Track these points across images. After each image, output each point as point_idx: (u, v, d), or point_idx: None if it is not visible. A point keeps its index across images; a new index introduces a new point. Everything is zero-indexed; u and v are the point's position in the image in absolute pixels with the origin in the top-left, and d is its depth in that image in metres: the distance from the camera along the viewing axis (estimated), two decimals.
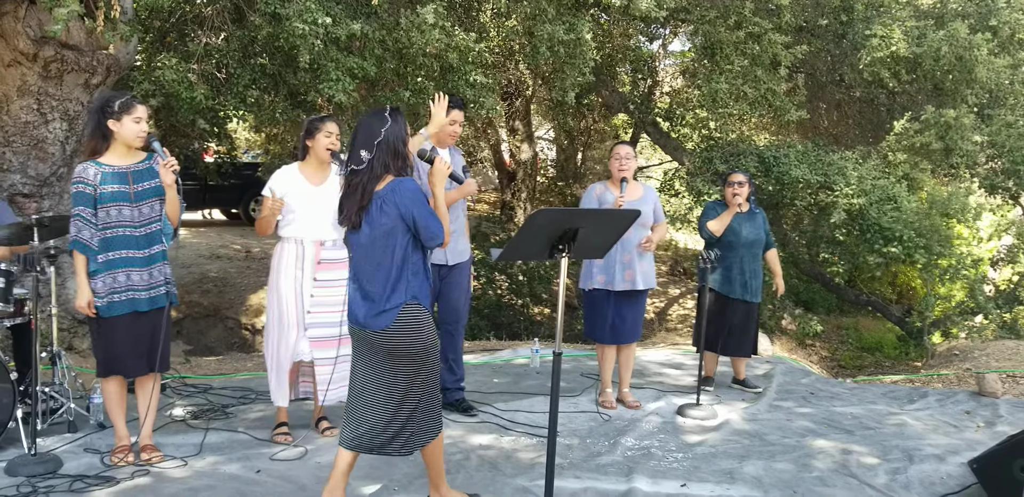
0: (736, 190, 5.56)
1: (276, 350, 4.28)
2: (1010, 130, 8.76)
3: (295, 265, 4.24)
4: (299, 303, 4.24)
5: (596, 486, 3.86)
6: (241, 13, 6.73)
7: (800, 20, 9.17)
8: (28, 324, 4.48)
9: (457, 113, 4.71)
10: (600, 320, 5.15)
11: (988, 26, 8.63)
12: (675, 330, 12.81)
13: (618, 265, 5.04)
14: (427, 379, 3.33)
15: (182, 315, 9.38)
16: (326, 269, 4.29)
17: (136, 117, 3.78)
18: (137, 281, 3.85)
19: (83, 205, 3.79)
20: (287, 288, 4.24)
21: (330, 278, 4.29)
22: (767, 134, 12.13)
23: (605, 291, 5.10)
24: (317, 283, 4.26)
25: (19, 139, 6.09)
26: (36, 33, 5.81)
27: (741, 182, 5.59)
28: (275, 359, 4.29)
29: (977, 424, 5.20)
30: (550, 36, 7.09)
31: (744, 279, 5.64)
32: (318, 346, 4.27)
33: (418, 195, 3.18)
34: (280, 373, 4.29)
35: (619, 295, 5.09)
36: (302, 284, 4.24)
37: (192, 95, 6.18)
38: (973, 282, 9.41)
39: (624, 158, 5.05)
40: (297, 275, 4.24)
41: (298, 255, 4.24)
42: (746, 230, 5.63)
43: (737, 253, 5.61)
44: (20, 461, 3.77)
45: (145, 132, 3.79)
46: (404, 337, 3.21)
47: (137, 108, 3.79)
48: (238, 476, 3.84)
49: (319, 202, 4.24)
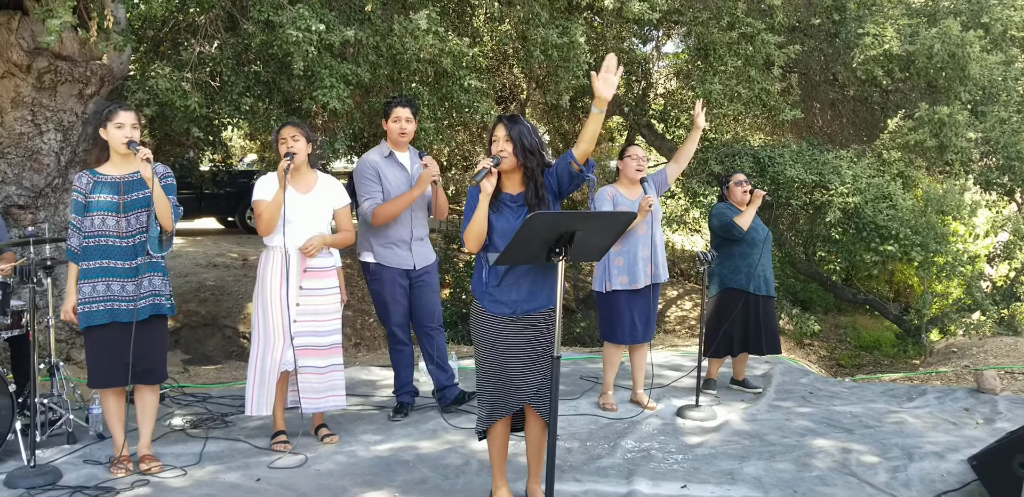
0: (745, 187, 5.66)
1: (261, 360, 4.27)
2: (1004, 126, 8.77)
3: (281, 274, 4.24)
4: (285, 312, 4.23)
5: (597, 489, 3.86)
6: (234, 21, 6.73)
7: (793, 20, 9.18)
8: (26, 336, 4.48)
9: (401, 110, 4.73)
10: (620, 321, 5.17)
11: (980, 23, 8.65)
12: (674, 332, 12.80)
13: (641, 262, 5.07)
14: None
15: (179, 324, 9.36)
16: (312, 278, 4.28)
17: (117, 123, 3.79)
18: (118, 292, 3.84)
19: (74, 213, 3.88)
20: (273, 297, 4.23)
21: (316, 286, 4.29)
22: (762, 134, 12.13)
23: (628, 291, 5.11)
24: (303, 292, 4.25)
25: (13, 150, 6.09)
26: (29, 44, 5.81)
27: (747, 180, 5.74)
28: (259, 368, 4.28)
29: (976, 421, 5.20)
30: (544, 40, 7.09)
31: (766, 275, 5.67)
32: (303, 355, 4.27)
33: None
34: (264, 383, 4.27)
35: (640, 293, 5.12)
36: (288, 293, 4.23)
37: (186, 103, 6.17)
38: (970, 279, 9.41)
39: (640, 158, 5.15)
40: (283, 284, 4.23)
41: (284, 264, 4.24)
42: (760, 226, 5.69)
43: (758, 250, 5.63)
44: (19, 473, 3.77)
45: (128, 138, 3.79)
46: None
47: (119, 114, 3.80)
48: (238, 485, 3.84)
49: (306, 210, 4.24)
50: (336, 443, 4.46)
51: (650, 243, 5.11)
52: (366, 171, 4.74)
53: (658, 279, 5.17)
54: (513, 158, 3.33)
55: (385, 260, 4.83)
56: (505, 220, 3.38)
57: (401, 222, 4.78)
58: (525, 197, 3.39)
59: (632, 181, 5.14)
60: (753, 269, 5.63)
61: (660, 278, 5.18)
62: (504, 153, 3.32)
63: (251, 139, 14.94)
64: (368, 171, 4.74)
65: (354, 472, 4.03)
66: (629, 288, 5.10)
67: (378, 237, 4.82)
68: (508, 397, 3.43)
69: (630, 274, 5.09)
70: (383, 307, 4.93)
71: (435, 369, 5.05)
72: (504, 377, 3.41)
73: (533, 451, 3.56)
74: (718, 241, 5.75)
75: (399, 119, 4.74)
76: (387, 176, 4.72)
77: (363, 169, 4.77)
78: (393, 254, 4.81)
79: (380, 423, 4.89)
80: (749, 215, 5.58)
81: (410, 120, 4.78)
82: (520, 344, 3.40)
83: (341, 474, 4.00)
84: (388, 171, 4.74)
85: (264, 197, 4.23)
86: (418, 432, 4.71)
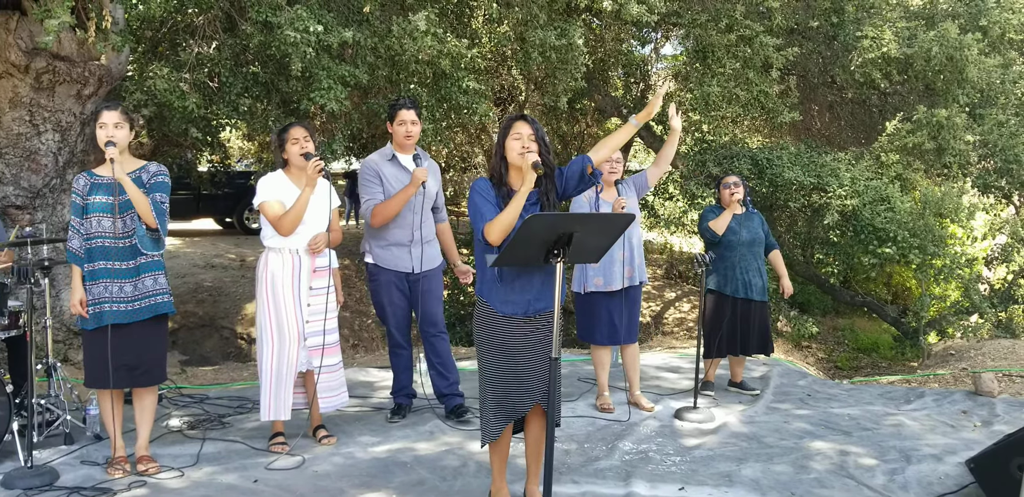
0: (732, 190, 5.65)
1: (276, 364, 4.24)
2: (1002, 129, 8.78)
3: (292, 275, 4.22)
4: (299, 314, 4.23)
5: (594, 490, 3.86)
6: (232, 22, 6.74)
7: (791, 22, 9.19)
8: (23, 336, 4.48)
9: (407, 113, 4.71)
10: (597, 322, 5.17)
11: (978, 26, 8.67)
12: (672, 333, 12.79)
13: (618, 264, 5.07)
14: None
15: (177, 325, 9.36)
16: (318, 277, 4.29)
17: (100, 123, 3.80)
18: (117, 292, 3.83)
19: (74, 214, 3.89)
20: (286, 299, 4.22)
21: (322, 285, 4.30)
22: (760, 136, 12.15)
23: (604, 292, 5.11)
24: (312, 292, 4.26)
25: (11, 151, 6.08)
26: (27, 44, 5.81)
27: (736, 183, 5.70)
28: (274, 373, 4.24)
29: (974, 424, 5.20)
30: (542, 42, 7.11)
31: (746, 278, 5.66)
32: (316, 354, 4.27)
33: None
34: (281, 386, 4.24)
35: (618, 294, 5.11)
36: (300, 294, 4.23)
37: (184, 104, 6.17)
38: (968, 282, 9.42)
39: (614, 161, 5.12)
40: (295, 285, 4.22)
41: (294, 265, 4.23)
42: (744, 230, 5.69)
43: (736, 252, 5.64)
44: (16, 473, 3.76)
45: (108, 138, 3.78)
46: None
47: (102, 114, 3.81)
48: (235, 486, 3.83)
49: (313, 210, 4.23)
50: (334, 444, 4.46)
51: (627, 244, 5.11)
52: (367, 172, 4.76)
53: (635, 281, 5.15)
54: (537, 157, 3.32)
55: (383, 261, 4.82)
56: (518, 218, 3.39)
57: (401, 224, 4.76)
58: (539, 195, 3.40)
59: (608, 183, 5.16)
60: (730, 272, 5.65)
61: (637, 279, 5.16)
62: (533, 154, 3.28)
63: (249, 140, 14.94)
64: (369, 172, 4.75)
65: (352, 473, 4.03)
66: (604, 290, 5.11)
67: (377, 239, 4.82)
68: (518, 402, 3.36)
69: (605, 275, 5.09)
70: (380, 309, 4.92)
71: (436, 375, 5.01)
72: (516, 382, 3.34)
73: (532, 452, 3.56)
74: (705, 243, 5.84)
75: (404, 122, 4.70)
76: (387, 177, 4.72)
77: (364, 170, 4.78)
78: (391, 255, 4.80)
79: (378, 425, 4.88)
80: (724, 219, 5.61)
81: (416, 122, 4.73)
82: (531, 345, 3.36)
83: (339, 475, 4.00)
84: (389, 172, 4.73)
85: (270, 198, 4.21)
86: (416, 434, 4.70)
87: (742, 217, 5.71)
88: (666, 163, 5.27)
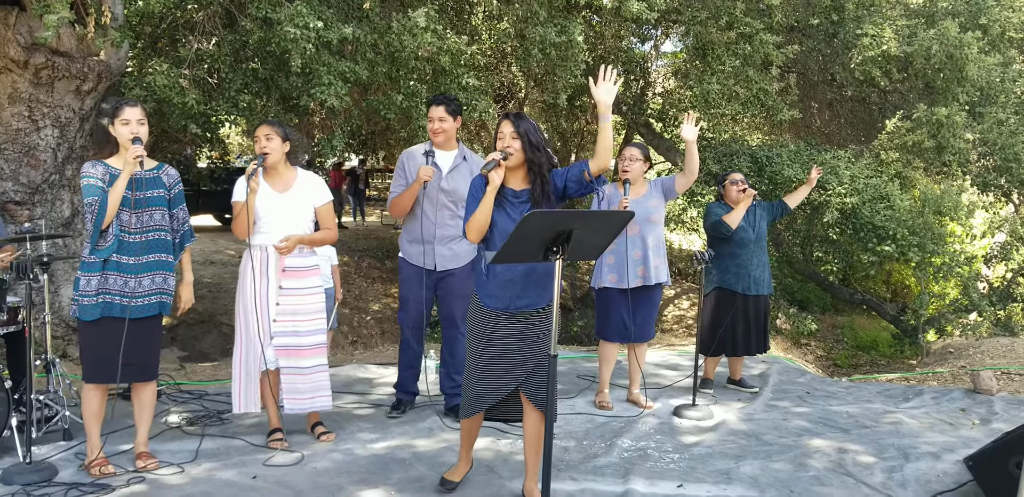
0: (740, 186, 5.62)
1: (245, 358, 4.28)
2: (1001, 127, 8.78)
3: (261, 272, 4.23)
4: (264, 311, 4.23)
5: (593, 487, 3.86)
6: (232, 18, 6.73)
7: (791, 20, 9.19)
8: (22, 332, 4.47)
9: (434, 109, 4.71)
10: (611, 319, 5.16)
11: (978, 24, 8.66)
12: (671, 331, 12.81)
13: (630, 262, 5.06)
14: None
15: (176, 322, 9.36)
16: (291, 277, 4.26)
17: (123, 120, 3.78)
18: (121, 286, 3.82)
19: (91, 195, 3.74)
20: (251, 296, 4.22)
21: (296, 286, 4.26)
22: (759, 134, 12.15)
23: (617, 290, 5.11)
24: (282, 291, 4.24)
25: (10, 146, 6.08)
26: (26, 40, 5.80)
27: (743, 179, 5.70)
28: (244, 367, 4.29)
29: (972, 421, 5.21)
30: (542, 38, 7.10)
31: (756, 274, 5.65)
32: (284, 355, 4.26)
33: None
34: (251, 381, 4.30)
35: (632, 292, 5.11)
36: (268, 292, 4.23)
37: (184, 100, 6.16)
38: (967, 280, 9.43)
39: (628, 159, 5.08)
40: (262, 282, 4.22)
41: (263, 262, 4.23)
42: (754, 226, 5.68)
43: (747, 249, 5.62)
44: (15, 469, 3.76)
45: (133, 134, 3.77)
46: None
47: (124, 111, 3.78)
48: (234, 482, 3.83)
49: (283, 209, 4.22)
50: (332, 441, 4.46)
51: (642, 244, 5.08)
52: (398, 163, 4.87)
53: (650, 281, 5.12)
54: (520, 154, 3.40)
55: (408, 257, 4.87)
56: (505, 216, 3.42)
57: (422, 219, 4.76)
58: (531, 193, 3.44)
59: (635, 181, 5.13)
60: (742, 269, 5.63)
61: (652, 280, 5.12)
62: (511, 149, 3.39)
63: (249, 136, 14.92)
64: (399, 164, 4.86)
65: (350, 470, 4.03)
66: (618, 286, 5.10)
67: (406, 233, 4.91)
68: (491, 390, 3.52)
69: (619, 273, 5.09)
70: (401, 302, 4.97)
71: (444, 375, 4.99)
72: (487, 372, 3.50)
73: (531, 448, 3.56)
74: (710, 240, 5.77)
75: (432, 119, 4.73)
76: (410, 170, 4.75)
77: (399, 162, 4.89)
78: (415, 251, 4.83)
79: (377, 421, 4.89)
80: (739, 213, 5.56)
81: (443, 119, 4.70)
82: (509, 338, 3.47)
83: (337, 472, 4.00)
84: (411, 166, 4.75)
85: (241, 198, 4.22)
86: (415, 430, 4.70)
87: (747, 213, 5.70)
88: (691, 173, 5.05)
